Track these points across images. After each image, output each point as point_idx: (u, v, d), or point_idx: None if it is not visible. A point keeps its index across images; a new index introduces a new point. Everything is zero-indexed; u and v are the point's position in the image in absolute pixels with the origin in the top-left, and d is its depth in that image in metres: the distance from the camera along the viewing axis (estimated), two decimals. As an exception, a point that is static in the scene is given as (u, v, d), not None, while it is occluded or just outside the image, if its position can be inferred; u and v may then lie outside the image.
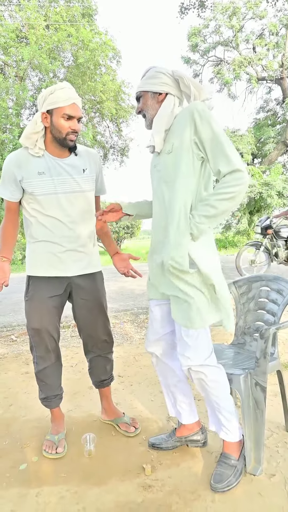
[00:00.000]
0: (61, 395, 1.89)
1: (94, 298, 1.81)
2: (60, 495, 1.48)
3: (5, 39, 13.36)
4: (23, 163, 1.65)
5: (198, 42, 17.33)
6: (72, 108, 1.58)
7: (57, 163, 1.66)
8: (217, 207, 1.35)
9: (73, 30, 13.37)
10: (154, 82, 1.48)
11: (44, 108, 1.59)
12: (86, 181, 1.73)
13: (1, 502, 1.46)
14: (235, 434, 1.55)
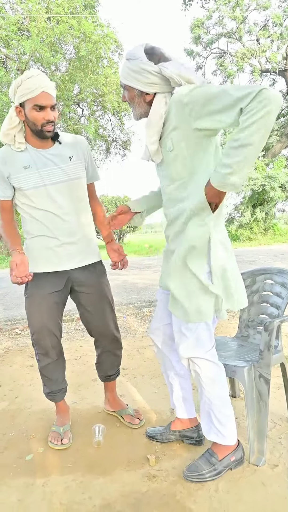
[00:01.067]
0: (66, 389, 1.90)
1: (96, 291, 1.78)
2: (66, 484, 1.51)
3: (6, 32, 13.26)
4: (8, 159, 1.62)
5: (201, 34, 17.18)
6: (42, 97, 1.51)
7: (41, 154, 1.63)
8: (250, 142, 1.13)
9: (75, 22, 13.24)
10: (140, 79, 1.35)
11: (16, 101, 1.55)
12: (74, 168, 1.68)
13: (8, 491, 1.48)
14: (227, 438, 1.49)
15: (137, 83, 1.36)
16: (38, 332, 1.73)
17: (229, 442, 1.50)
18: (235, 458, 1.52)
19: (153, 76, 1.33)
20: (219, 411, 1.48)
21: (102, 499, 1.41)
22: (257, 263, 8.25)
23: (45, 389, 1.86)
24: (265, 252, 11.15)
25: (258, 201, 16.69)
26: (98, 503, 1.39)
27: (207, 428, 1.53)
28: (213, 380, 1.47)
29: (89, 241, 1.77)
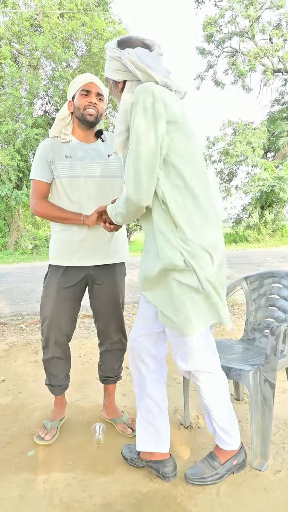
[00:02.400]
0: (67, 385, 1.91)
1: (110, 293, 1.79)
2: (67, 482, 1.51)
3: (19, 27, 13.33)
4: (55, 147, 1.71)
5: (214, 32, 17.05)
6: (89, 85, 1.67)
7: (82, 147, 1.71)
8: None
9: (87, 19, 13.25)
10: (110, 67, 1.33)
11: (69, 96, 1.72)
12: (112, 167, 1.74)
13: (10, 486, 1.49)
14: (229, 444, 1.47)
15: (109, 72, 1.35)
16: (45, 322, 1.77)
17: (232, 447, 1.48)
18: (237, 462, 1.50)
19: (117, 61, 1.30)
20: (222, 420, 1.45)
21: (103, 498, 1.41)
22: (264, 265, 8.20)
23: (46, 380, 1.89)
24: (272, 254, 11.07)
25: (267, 202, 16.56)
26: (98, 502, 1.39)
27: (213, 432, 1.52)
28: (213, 391, 1.43)
29: (113, 240, 1.77)
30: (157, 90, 1.21)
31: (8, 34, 13.25)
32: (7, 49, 12.74)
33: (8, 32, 13.26)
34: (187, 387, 1.88)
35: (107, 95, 1.74)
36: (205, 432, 1.82)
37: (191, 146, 1.29)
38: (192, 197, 1.27)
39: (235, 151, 16.37)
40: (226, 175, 18.83)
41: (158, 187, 1.26)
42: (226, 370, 1.54)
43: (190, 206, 1.27)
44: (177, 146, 1.25)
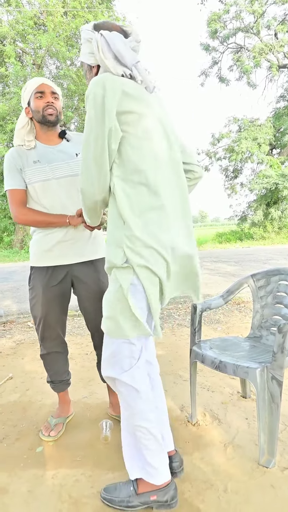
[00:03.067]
0: (68, 381, 1.93)
1: (95, 290, 1.77)
2: (75, 478, 1.52)
3: (23, 26, 13.34)
4: (22, 154, 1.71)
5: (218, 28, 16.93)
6: (41, 86, 1.67)
7: (49, 150, 1.71)
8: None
9: (91, 17, 13.23)
10: (84, 51, 1.25)
11: (25, 103, 1.72)
12: (80, 165, 1.70)
13: (19, 481, 1.51)
14: (151, 475, 1.30)
15: (83, 55, 1.28)
16: (37, 322, 1.79)
17: (154, 480, 1.30)
18: (157, 499, 1.30)
19: (91, 44, 1.22)
20: (142, 444, 1.28)
21: (111, 494, 1.42)
22: (270, 263, 8.16)
23: (47, 377, 1.92)
24: (278, 251, 11.02)
25: (272, 200, 16.48)
26: (106, 498, 1.40)
27: (130, 464, 1.35)
28: (129, 406, 1.27)
29: (91, 238, 1.78)
30: (110, 82, 1.14)
31: (12, 33, 13.28)
32: (11, 48, 12.78)
33: (12, 31, 13.29)
34: (194, 384, 1.88)
35: (60, 94, 1.75)
36: (212, 429, 1.83)
37: (154, 141, 1.21)
38: (150, 194, 1.19)
39: (240, 148, 16.28)
40: (231, 172, 18.75)
41: (111, 180, 1.21)
42: (233, 368, 1.55)
43: (146, 203, 1.19)
44: (134, 140, 1.18)
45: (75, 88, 13.85)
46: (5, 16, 13.86)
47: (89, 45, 1.23)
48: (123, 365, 1.26)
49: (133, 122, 1.17)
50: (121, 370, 1.26)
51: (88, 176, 1.20)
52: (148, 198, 1.19)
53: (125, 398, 1.28)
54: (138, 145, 1.18)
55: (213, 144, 18.24)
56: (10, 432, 1.87)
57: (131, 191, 1.19)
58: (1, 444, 1.78)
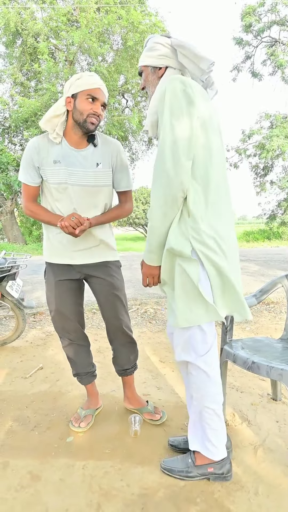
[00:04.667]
0: (93, 373, 1.96)
1: (107, 289, 1.80)
2: (105, 470, 1.54)
3: (56, 23, 13.52)
4: (42, 150, 1.62)
5: (252, 22, 16.48)
6: (97, 91, 1.57)
7: (72, 153, 1.63)
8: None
9: (124, 12, 13.23)
10: (152, 55, 1.38)
11: (70, 92, 1.59)
12: (99, 176, 1.67)
13: (51, 469, 1.54)
14: (210, 451, 1.45)
15: (149, 59, 1.39)
16: (53, 314, 1.82)
17: (212, 456, 1.45)
18: (213, 471, 1.46)
19: (164, 47, 1.36)
20: (206, 423, 1.43)
21: (140, 488, 1.43)
22: (300, 263, 7.92)
23: (72, 371, 1.95)
24: (308, 251, 10.68)
25: (304, 198, 15.97)
26: (136, 492, 1.41)
27: (192, 437, 1.49)
28: (199, 388, 1.40)
29: (102, 244, 1.77)
30: (187, 80, 1.25)
31: (45, 30, 13.49)
32: (45, 44, 12.98)
33: (45, 28, 13.50)
34: (223, 384, 1.86)
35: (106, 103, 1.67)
36: (242, 430, 1.80)
37: (213, 139, 1.29)
38: (212, 189, 1.28)
39: (272, 145, 15.85)
40: (261, 169, 18.30)
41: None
42: (266, 369, 1.52)
43: (209, 198, 1.28)
44: (201, 137, 1.26)
45: (106, 83, 13.90)
46: (39, 13, 14.10)
47: (161, 48, 1.37)
48: (198, 350, 1.37)
49: (202, 121, 1.25)
50: (196, 355, 1.38)
51: (176, 165, 1.21)
52: (210, 193, 1.28)
53: (195, 381, 1.41)
54: (203, 142, 1.26)
55: (243, 140, 17.84)
56: (41, 421, 1.93)
57: (198, 187, 1.27)
58: (33, 432, 1.83)
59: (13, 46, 14.97)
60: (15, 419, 1.95)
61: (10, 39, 14.54)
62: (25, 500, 1.38)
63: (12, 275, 2.94)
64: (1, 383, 2.40)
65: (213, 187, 1.28)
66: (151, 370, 2.55)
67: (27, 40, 13.90)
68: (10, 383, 2.39)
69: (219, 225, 1.30)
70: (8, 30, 13.74)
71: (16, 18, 13.40)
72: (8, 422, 1.92)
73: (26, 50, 14.42)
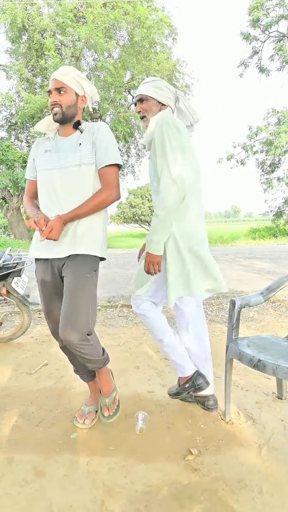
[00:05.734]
0: (92, 372, 1.90)
1: (70, 283, 1.61)
2: (109, 466, 1.54)
3: (62, 18, 13.48)
4: (39, 144, 1.79)
5: (260, 16, 16.29)
6: (52, 83, 1.67)
7: (61, 141, 1.73)
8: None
9: (130, 7, 13.14)
10: (162, 94, 1.81)
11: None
12: (82, 154, 1.66)
13: (56, 465, 1.55)
14: (181, 372, 1.97)
15: (158, 96, 1.81)
16: (44, 313, 1.82)
17: (183, 374, 1.97)
18: (190, 385, 1.95)
19: (171, 93, 1.85)
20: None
21: (144, 485, 1.43)
22: (306, 261, 7.86)
23: (73, 367, 1.93)
24: (315, 249, 10.58)
25: (311, 195, 15.81)
26: (140, 489, 1.41)
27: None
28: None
29: (80, 233, 1.65)
30: (181, 122, 1.76)
31: (52, 26, 13.46)
32: (51, 40, 12.97)
33: (52, 23, 13.47)
34: (229, 382, 1.85)
35: (72, 81, 1.65)
36: (246, 428, 1.79)
37: (194, 163, 1.79)
38: (198, 199, 1.81)
39: (279, 142, 15.71)
40: (268, 166, 18.15)
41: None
42: (273, 368, 1.50)
43: (194, 207, 1.79)
44: (190, 163, 1.75)
45: (112, 80, 13.86)
46: (46, 9, 14.07)
47: (168, 92, 1.83)
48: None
49: (186, 145, 1.72)
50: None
51: (176, 190, 1.66)
52: (195, 203, 1.80)
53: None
54: (188, 160, 1.73)
55: (250, 137, 17.70)
56: (46, 417, 1.93)
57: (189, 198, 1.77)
58: (38, 428, 1.83)
59: (19, 42, 14.97)
60: (20, 414, 1.96)
61: (17, 34, 14.54)
62: (29, 495, 1.39)
63: (17, 271, 2.95)
64: (6, 378, 2.41)
65: (198, 198, 1.79)
66: (155, 367, 2.54)
67: (33, 36, 13.89)
68: (16, 379, 2.40)
69: (194, 221, 1.79)
70: (15, 25, 13.74)
71: (22, 13, 13.38)
72: (13, 417, 1.93)
73: (32, 46, 14.41)
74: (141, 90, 1.83)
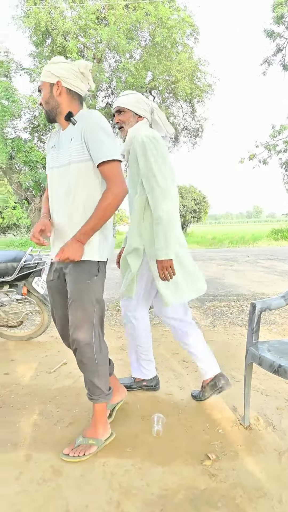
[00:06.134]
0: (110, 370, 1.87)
1: (72, 291, 1.57)
2: (125, 468, 1.54)
3: (85, 21, 13.62)
4: (50, 139, 1.74)
5: (285, 13, 15.93)
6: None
7: (61, 135, 1.63)
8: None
9: (152, 8, 13.14)
10: (138, 106, 1.93)
11: None
12: (72, 151, 1.53)
13: (72, 465, 1.56)
14: (143, 375, 2.20)
15: (135, 108, 1.93)
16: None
17: (145, 377, 2.20)
18: (147, 384, 2.20)
19: (147, 105, 1.97)
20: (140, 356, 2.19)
21: (160, 489, 1.42)
22: None
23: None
24: None
25: None
26: (156, 492, 1.40)
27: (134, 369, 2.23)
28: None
29: (69, 236, 1.56)
30: (154, 130, 1.94)
31: (74, 29, 13.63)
32: (73, 43, 13.13)
33: (75, 26, 13.64)
34: (248, 386, 1.81)
35: (46, 74, 1.56)
36: (266, 435, 1.75)
37: (170, 168, 1.88)
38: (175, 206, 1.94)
39: (303, 140, 15.33)
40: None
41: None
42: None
43: (175, 213, 1.94)
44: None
45: (133, 81, 13.91)
46: (69, 12, 14.26)
47: (144, 105, 1.95)
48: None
49: (166, 161, 1.86)
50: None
51: (168, 195, 1.82)
52: (175, 207, 1.94)
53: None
54: (169, 174, 1.86)
55: (273, 136, 17.34)
56: (64, 416, 1.95)
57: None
58: (56, 427, 1.85)
59: (43, 45, 15.23)
60: (39, 412, 1.99)
61: (40, 38, 14.80)
62: (47, 494, 1.40)
63: (38, 271, 3.00)
64: (26, 377, 2.46)
65: (174, 200, 1.88)
66: (174, 369, 2.53)
67: (56, 39, 14.10)
68: (35, 377, 2.44)
69: (176, 225, 1.95)
70: (39, 29, 13.99)
71: (46, 17, 13.61)
72: (32, 415, 1.96)
73: (55, 49, 14.63)
74: (119, 102, 1.93)
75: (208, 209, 24.50)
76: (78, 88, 1.60)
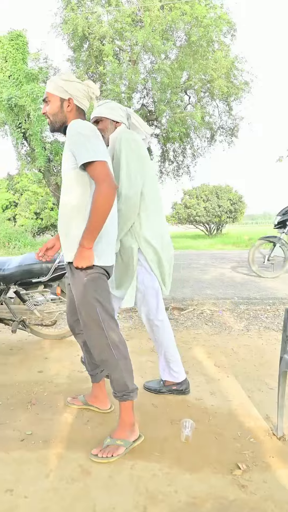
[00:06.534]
0: (95, 375, 2.02)
1: (74, 294, 1.67)
2: (153, 472, 1.53)
3: (121, 24, 13.76)
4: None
5: None
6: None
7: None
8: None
9: (188, 7, 13.04)
10: (114, 113, 2.01)
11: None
12: (64, 160, 1.64)
13: (101, 465, 1.57)
14: (172, 377, 2.20)
15: (112, 115, 2.00)
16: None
17: (175, 380, 2.18)
18: (177, 388, 2.19)
19: (122, 111, 2.04)
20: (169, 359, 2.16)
21: (188, 496, 1.40)
22: None
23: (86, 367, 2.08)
24: None
25: None
26: (183, 500, 1.38)
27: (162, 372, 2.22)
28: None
29: (70, 238, 1.64)
30: (133, 133, 2.00)
31: (111, 32, 13.82)
32: (110, 47, 13.31)
33: (111, 30, 13.83)
34: (282, 395, 1.75)
35: (55, 87, 1.67)
36: (301, 447, 1.67)
37: (151, 170, 2.04)
38: (149, 206, 1.98)
39: None
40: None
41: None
42: None
43: (152, 209, 2.00)
44: (147, 172, 1.98)
45: (169, 81, 13.85)
46: (105, 16, 14.48)
47: (121, 112, 2.03)
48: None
49: (143, 158, 1.96)
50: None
51: (128, 202, 1.90)
52: (149, 207, 2.00)
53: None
54: (145, 172, 1.96)
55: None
56: (94, 416, 1.98)
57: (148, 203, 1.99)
58: (86, 426, 1.88)
59: (80, 50, 15.58)
60: (70, 411, 2.03)
61: (78, 43, 15.15)
62: (75, 493, 1.42)
63: (72, 272, 3.06)
64: (59, 375, 2.51)
65: (152, 204, 1.98)
66: (205, 374, 2.49)
67: (93, 43, 14.37)
68: (67, 376, 2.49)
69: (156, 227, 2.01)
70: (76, 35, 14.32)
71: (83, 23, 13.91)
72: (63, 413, 2.01)
73: (92, 53, 14.91)
74: (96, 112, 2.00)
75: (245, 209, 23.92)
76: (84, 105, 1.76)
